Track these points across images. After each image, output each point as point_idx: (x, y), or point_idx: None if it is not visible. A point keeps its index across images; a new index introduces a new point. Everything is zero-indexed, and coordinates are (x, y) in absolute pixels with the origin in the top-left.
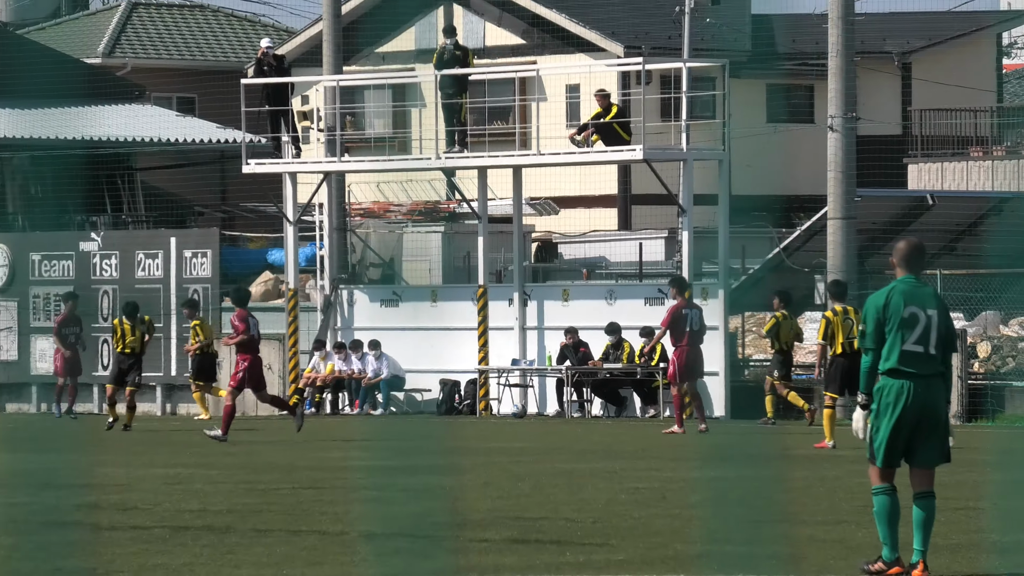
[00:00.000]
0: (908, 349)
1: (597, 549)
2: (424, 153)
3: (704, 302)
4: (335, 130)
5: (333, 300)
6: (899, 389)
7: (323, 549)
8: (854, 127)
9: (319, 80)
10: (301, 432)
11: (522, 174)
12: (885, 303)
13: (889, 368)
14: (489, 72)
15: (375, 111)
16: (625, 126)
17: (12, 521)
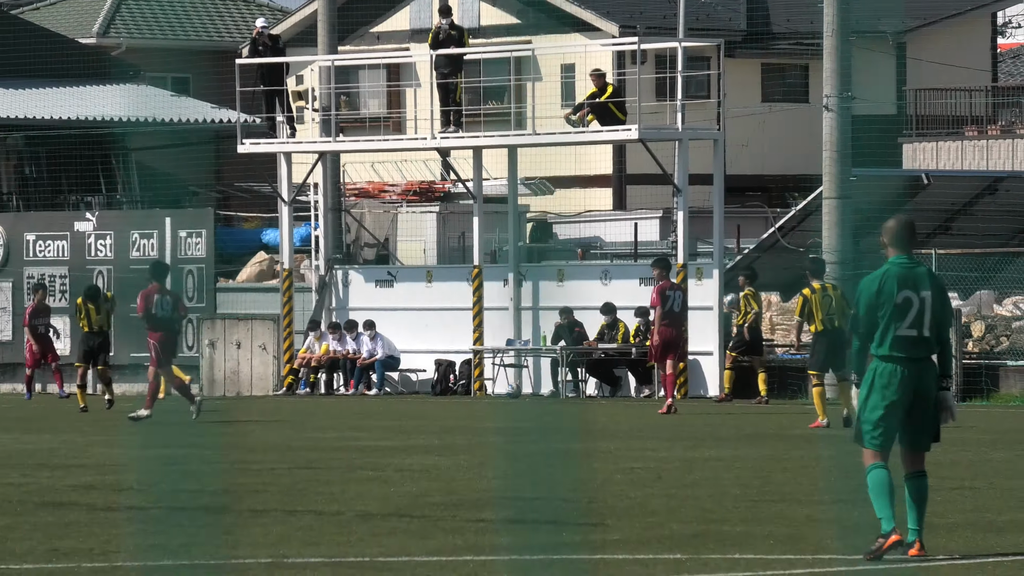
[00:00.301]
0: (902, 334)
1: (593, 529)
2: (419, 133)
3: (699, 282)
4: (330, 110)
5: (328, 280)
6: (891, 373)
7: (319, 529)
8: (849, 107)
9: (314, 60)
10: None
11: (517, 154)
12: (878, 289)
13: (882, 354)
14: (484, 52)
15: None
16: (620, 106)
17: (7, 501)
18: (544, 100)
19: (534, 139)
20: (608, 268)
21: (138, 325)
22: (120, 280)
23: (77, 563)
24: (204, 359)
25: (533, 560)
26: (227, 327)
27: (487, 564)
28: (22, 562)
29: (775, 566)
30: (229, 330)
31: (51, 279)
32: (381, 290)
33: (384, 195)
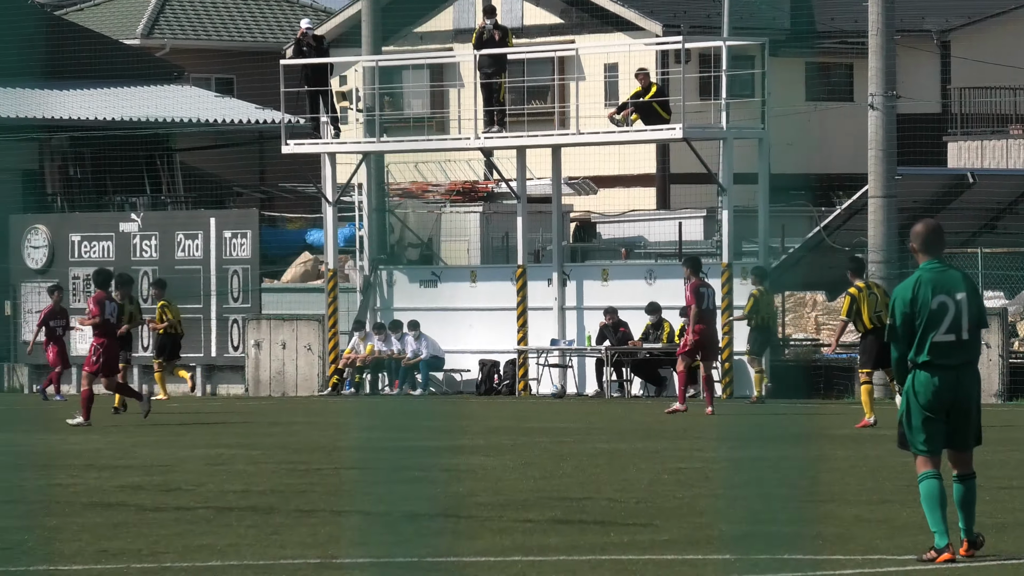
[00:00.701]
0: (940, 340)
1: (641, 529)
2: (463, 133)
3: (744, 282)
4: (374, 110)
5: (372, 281)
6: (930, 381)
7: (367, 529)
8: (894, 105)
9: (358, 60)
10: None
11: (561, 153)
12: (913, 297)
13: (921, 360)
14: (528, 52)
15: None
16: (664, 105)
17: (55, 502)
18: (587, 99)
19: (578, 138)
20: (652, 268)
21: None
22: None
23: (126, 564)
24: (249, 359)
25: (581, 560)
26: (272, 328)
27: (535, 564)
28: (71, 563)
29: (825, 567)
30: (274, 331)
31: None
32: (425, 290)
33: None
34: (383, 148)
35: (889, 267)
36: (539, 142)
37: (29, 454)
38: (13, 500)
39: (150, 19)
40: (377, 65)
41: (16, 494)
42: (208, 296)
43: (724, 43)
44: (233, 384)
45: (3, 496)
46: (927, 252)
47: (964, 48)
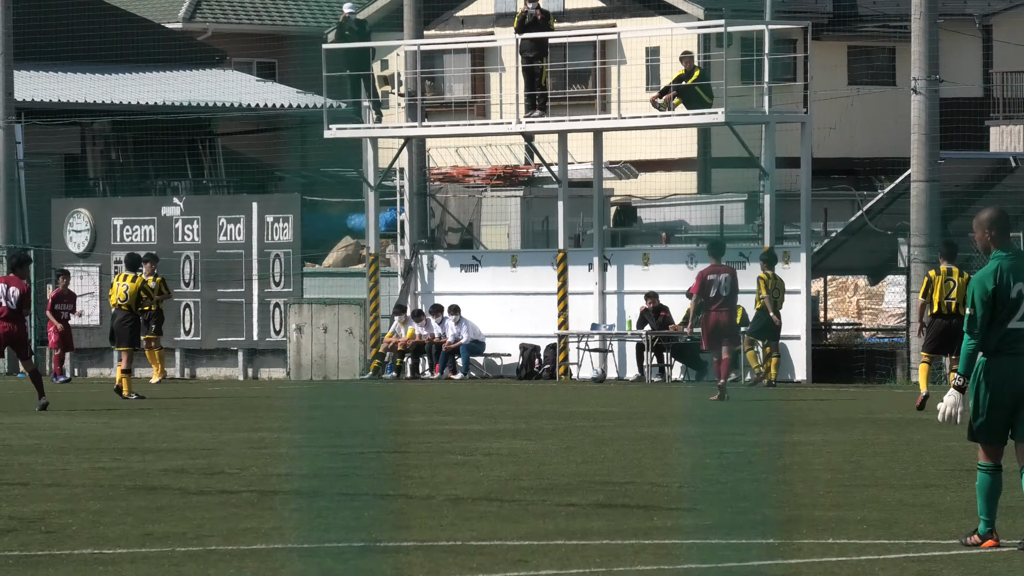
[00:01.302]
0: (1014, 327)
1: (685, 514)
2: (504, 117)
3: (786, 266)
4: (415, 95)
5: (413, 265)
6: (999, 369)
7: (410, 513)
8: (937, 89)
9: (399, 45)
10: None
11: (602, 138)
12: (995, 287)
13: (992, 349)
14: (569, 36)
15: (455, 75)
16: (707, 89)
17: (99, 486)
18: (629, 84)
19: (619, 123)
20: (693, 252)
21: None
22: (207, 264)
23: (171, 547)
24: (291, 343)
25: (625, 545)
26: (314, 312)
27: (579, 548)
28: (116, 546)
29: (869, 551)
30: (316, 315)
31: None
32: (466, 275)
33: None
34: (424, 132)
35: (932, 251)
36: (580, 126)
37: (73, 437)
38: (57, 483)
39: (192, 3)
40: (419, 49)
41: (60, 478)
42: (250, 280)
43: (766, 27)
44: (275, 368)
45: (47, 479)
46: (999, 240)
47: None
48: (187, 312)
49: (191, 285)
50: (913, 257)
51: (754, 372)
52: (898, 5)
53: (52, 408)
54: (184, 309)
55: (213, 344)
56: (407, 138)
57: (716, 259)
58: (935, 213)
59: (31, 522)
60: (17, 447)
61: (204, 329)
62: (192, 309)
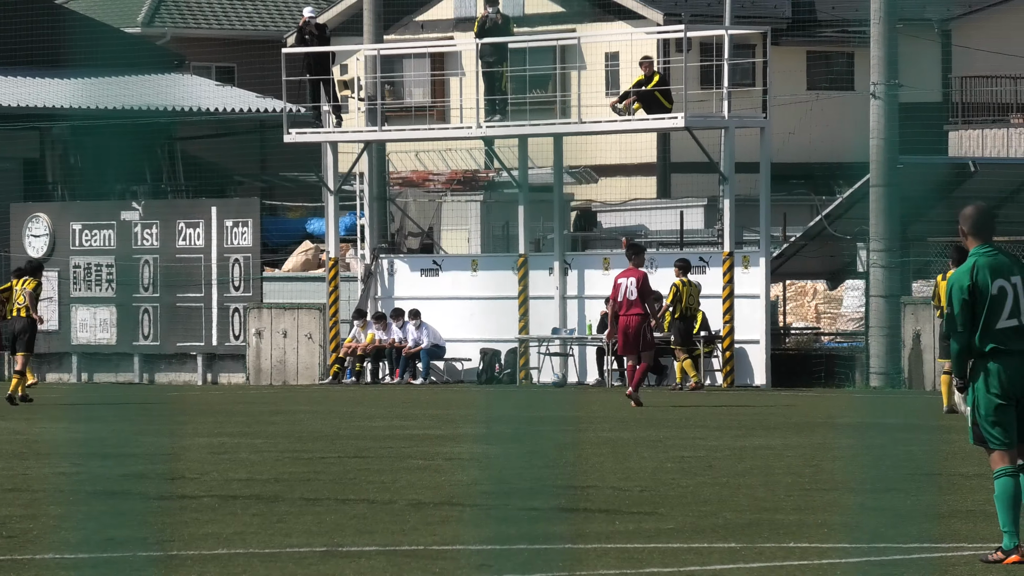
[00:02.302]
0: (1003, 326)
1: (647, 518)
2: (464, 122)
3: (745, 270)
4: (375, 99)
5: (373, 269)
6: (999, 370)
7: (373, 518)
8: (896, 94)
9: (359, 49)
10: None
11: (562, 142)
12: (971, 283)
13: (989, 349)
14: (530, 40)
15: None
16: (666, 94)
17: (59, 491)
18: (589, 88)
19: (579, 127)
20: (653, 257)
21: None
22: (166, 269)
23: (132, 552)
24: (251, 348)
25: (587, 549)
26: (273, 316)
27: (542, 553)
28: (77, 551)
29: (831, 555)
30: (275, 319)
31: (97, 268)
32: (426, 279)
33: (428, 184)
34: (384, 137)
35: (891, 255)
36: (541, 131)
37: (32, 442)
38: (17, 488)
39: (151, 8)
40: (379, 54)
41: (20, 482)
42: (209, 285)
43: (726, 32)
44: (234, 373)
45: (7, 484)
46: (978, 236)
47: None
48: (146, 317)
49: (150, 290)
50: (872, 262)
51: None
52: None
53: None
54: (143, 314)
55: (172, 349)
56: (367, 142)
57: (633, 262)
58: (894, 218)
59: None
60: None
61: (163, 334)
62: (151, 314)
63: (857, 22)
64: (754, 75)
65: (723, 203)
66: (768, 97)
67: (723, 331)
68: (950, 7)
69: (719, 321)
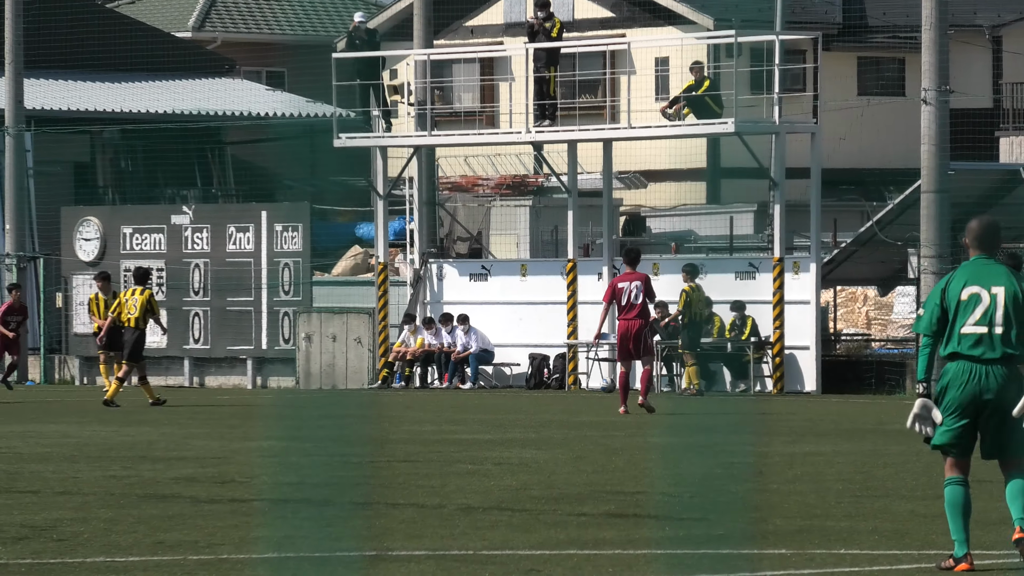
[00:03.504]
0: (968, 331)
1: (696, 524)
2: (513, 127)
3: (795, 276)
4: (425, 104)
5: (422, 274)
6: (957, 374)
7: (422, 522)
8: (947, 100)
9: (409, 54)
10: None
11: (612, 148)
12: (944, 287)
13: (950, 352)
14: (579, 46)
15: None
16: (716, 99)
17: (110, 494)
18: (639, 93)
19: (629, 132)
20: (703, 262)
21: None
22: (217, 273)
23: (183, 555)
24: (300, 352)
25: (637, 555)
26: (323, 320)
27: (591, 558)
28: (128, 555)
29: (881, 561)
30: (325, 323)
31: None
32: (475, 284)
33: (477, 189)
34: (434, 142)
35: (942, 262)
36: (590, 136)
37: (84, 445)
38: (68, 491)
39: (202, 12)
40: (428, 59)
41: (71, 485)
42: (259, 289)
43: (776, 37)
44: (284, 376)
45: (58, 487)
46: (978, 247)
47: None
48: (196, 321)
49: (200, 294)
50: (923, 268)
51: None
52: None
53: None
54: (193, 318)
55: (222, 352)
56: (416, 147)
57: (631, 266)
58: (945, 224)
59: (43, 530)
60: (28, 455)
61: (213, 338)
62: (201, 318)
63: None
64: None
65: (773, 209)
66: (819, 102)
67: (773, 337)
68: (1001, 13)
69: (769, 327)
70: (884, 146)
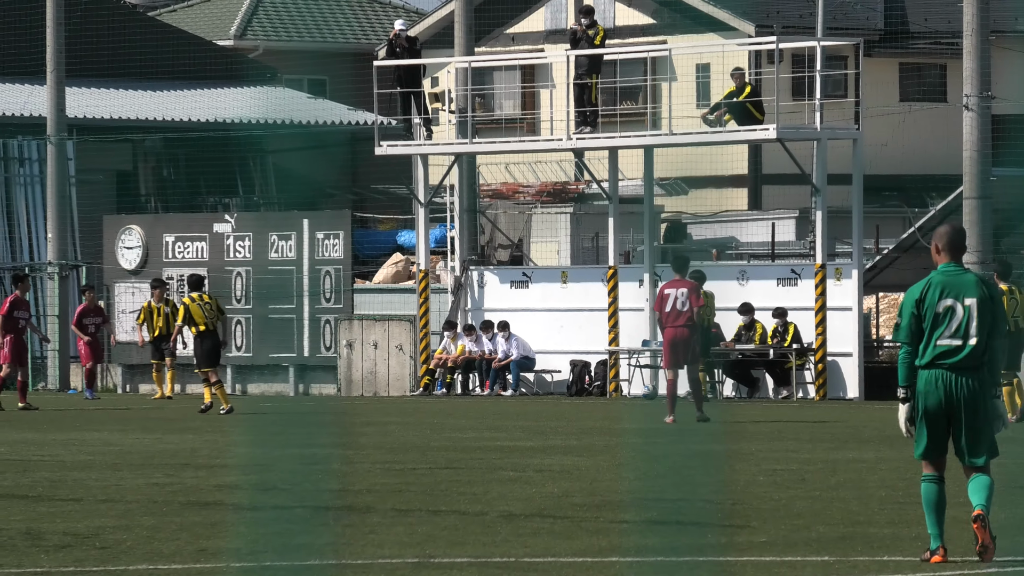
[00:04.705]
0: (943, 344)
1: (739, 531)
2: (554, 134)
3: (837, 283)
4: (466, 111)
5: (463, 281)
6: (930, 381)
7: (464, 529)
8: (989, 106)
9: (450, 62)
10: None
11: (653, 154)
12: (920, 298)
13: (924, 363)
14: (620, 52)
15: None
16: (758, 105)
17: (153, 501)
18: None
19: (670, 139)
20: (745, 268)
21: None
22: (258, 281)
23: (225, 563)
24: (342, 359)
25: (680, 562)
26: (364, 328)
27: (633, 566)
28: (170, 562)
29: (924, 569)
30: (366, 331)
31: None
32: (516, 291)
33: (518, 196)
34: (475, 149)
35: (985, 268)
36: (631, 143)
37: (126, 453)
38: (111, 499)
39: (243, 20)
40: (469, 66)
41: (113, 493)
42: (301, 297)
43: (818, 43)
44: (325, 384)
45: (100, 495)
46: (948, 254)
47: None
48: (239, 328)
49: (242, 301)
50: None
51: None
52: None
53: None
54: (236, 325)
55: (264, 360)
56: (457, 155)
57: (679, 273)
58: (987, 230)
59: (85, 538)
60: (70, 463)
61: (255, 345)
62: (243, 325)
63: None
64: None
65: (815, 215)
66: (860, 109)
67: (815, 343)
68: None
69: (811, 333)
70: (926, 152)
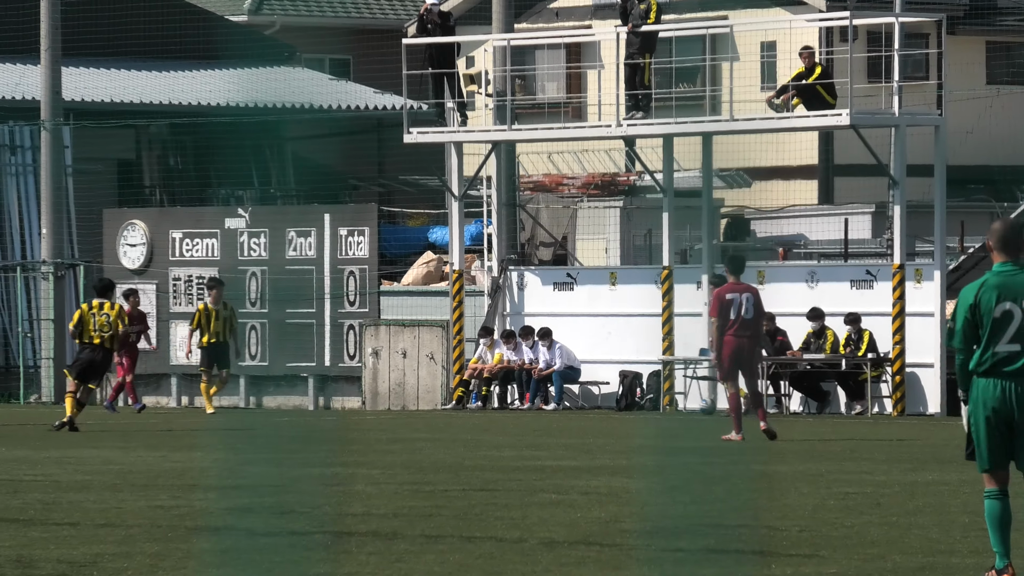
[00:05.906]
0: (1002, 350)
1: (806, 561)
2: (602, 120)
3: (918, 285)
4: (504, 95)
5: (501, 283)
6: (991, 390)
7: (501, 558)
8: None
9: (487, 39)
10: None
11: (712, 142)
12: (975, 302)
13: (982, 371)
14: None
15: (548, 73)
16: (829, 88)
17: (157, 526)
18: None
19: (731, 125)
20: (815, 269)
21: None
22: (275, 282)
23: None
24: (367, 369)
25: None
26: (392, 334)
27: None
28: None
29: None
30: (394, 337)
31: (199, 281)
32: (560, 294)
33: (562, 189)
34: (514, 137)
35: None
36: (687, 129)
37: (127, 473)
38: (110, 523)
39: None
40: (508, 44)
41: (113, 516)
42: (322, 300)
43: (896, 19)
44: (349, 396)
45: (99, 519)
46: (1003, 252)
47: None
48: (252, 335)
49: (257, 305)
50: None
51: None
52: None
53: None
54: (249, 331)
55: (281, 370)
56: (495, 143)
57: (735, 276)
58: None
59: (82, 566)
60: (66, 483)
61: (271, 354)
62: (258, 331)
63: None
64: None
65: (893, 210)
66: (943, 92)
67: (893, 353)
68: None
69: (888, 342)
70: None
